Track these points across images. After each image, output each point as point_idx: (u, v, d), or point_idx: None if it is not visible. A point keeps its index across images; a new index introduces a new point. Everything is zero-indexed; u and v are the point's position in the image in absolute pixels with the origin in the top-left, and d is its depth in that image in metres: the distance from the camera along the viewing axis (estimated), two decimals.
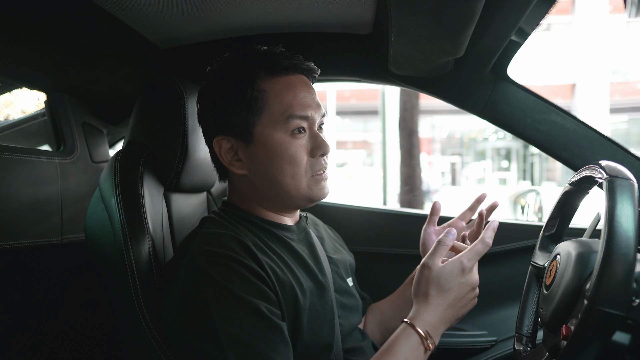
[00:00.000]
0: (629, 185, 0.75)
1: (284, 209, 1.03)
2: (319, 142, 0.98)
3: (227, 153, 0.99)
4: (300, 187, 0.97)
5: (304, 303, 0.91)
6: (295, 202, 1.00)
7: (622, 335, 0.74)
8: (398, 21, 1.00)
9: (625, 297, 0.70)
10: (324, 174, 1.00)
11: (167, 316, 0.89)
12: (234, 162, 1.00)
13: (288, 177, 0.96)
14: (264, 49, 1.00)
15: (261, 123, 0.96)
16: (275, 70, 0.97)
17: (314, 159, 0.98)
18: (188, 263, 0.88)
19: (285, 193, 0.98)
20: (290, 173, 0.96)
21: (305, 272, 0.97)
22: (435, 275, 0.87)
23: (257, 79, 0.96)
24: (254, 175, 0.99)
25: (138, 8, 1.18)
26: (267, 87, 0.96)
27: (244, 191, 1.02)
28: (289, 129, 0.96)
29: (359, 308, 1.14)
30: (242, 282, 0.84)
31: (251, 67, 0.98)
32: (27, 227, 1.29)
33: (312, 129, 0.99)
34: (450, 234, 0.89)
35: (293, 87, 0.98)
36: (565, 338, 0.78)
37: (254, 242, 0.93)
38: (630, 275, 0.70)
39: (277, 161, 0.96)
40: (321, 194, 1.00)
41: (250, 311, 0.82)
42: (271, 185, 0.98)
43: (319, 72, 1.05)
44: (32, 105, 1.71)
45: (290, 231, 1.03)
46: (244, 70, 0.98)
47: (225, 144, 0.99)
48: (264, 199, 1.01)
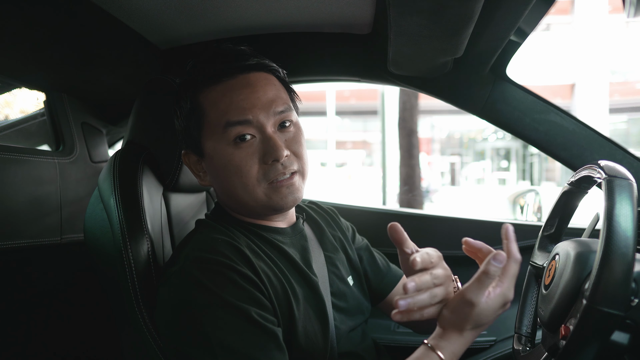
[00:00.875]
0: (627, 185, 0.75)
1: (258, 217, 0.99)
2: (270, 146, 0.89)
3: (196, 165, 0.99)
4: (257, 198, 0.92)
5: (297, 309, 0.90)
6: (259, 211, 0.96)
7: (621, 334, 0.74)
8: (397, 21, 1.00)
9: (624, 296, 0.71)
10: (289, 179, 0.92)
11: (160, 320, 0.89)
12: (202, 174, 0.99)
13: (239, 190, 0.92)
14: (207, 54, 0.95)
15: (204, 136, 0.93)
16: (210, 79, 0.92)
17: (267, 165, 0.90)
18: (180, 270, 0.86)
19: (245, 204, 0.94)
20: (240, 185, 0.91)
21: (298, 276, 0.96)
22: (477, 312, 0.76)
23: (194, 91, 0.93)
24: (216, 188, 1.00)
25: (137, 8, 1.17)
26: (204, 98, 0.92)
27: (222, 199, 1.02)
28: (230, 139, 0.90)
29: (359, 308, 1.09)
30: (233, 288, 0.83)
31: (192, 78, 0.94)
32: (26, 226, 1.29)
33: (264, 132, 0.91)
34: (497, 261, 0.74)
35: (230, 91, 0.91)
36: (564, 338, 0.78)
37: (249, 246, 0.92)
38: (629, 275, 0.70)
39: (225, 174, 0.92)
40: (283, 202, 0.92)
41: (242, 318, 0.81)
42: (230, 197, 0.96)
43: (273, 65, 0.98)
44: (31, 105, 1.71)
45: (283, 234, 1.01)
46: (184, 86, 0.96)
47: (192, 156, 0.99)
48: (235, 207, 0.99)
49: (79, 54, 1.33)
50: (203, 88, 0.92)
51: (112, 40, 1.31)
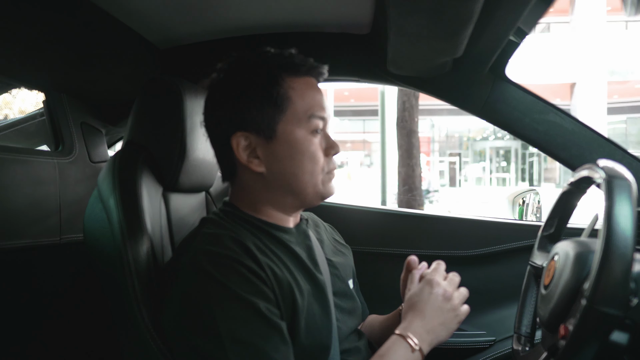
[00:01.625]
0: (627, 185, 0.75)
1: (293, 208, 1.04)
2: (332, 142, 1.01)
3: (245, 150, 0.99)
4: (316, 184, 0.99)
5: (301, 304, 0.91)
6: (308, 199, 1.02)
7: (620, 334, 0.74)
8: (396, 21, 1.01)
9: (623, 296, 0.71)
10: (334, 172, 1.04)
11: (168, 315, 0.89)
12: (252, 160, 0.99)
13: (307, 174, 0.98)
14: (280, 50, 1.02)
15: (285, 120, 0.97)
16: (295, 71, 0.99)
17: (328, 157, 1.01)
18: (190, 262, 0.88)
19: (302, 190, 1.00)
20: (309, 170, 0.98)
21: (303, 274, 0.97)
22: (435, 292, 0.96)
23: (281, 78, 0.98)
24: (271, 173, 0.99)
25: (137, 8, 1.18)
26: (288, 86, 0.98)
27: (254, 190, 1.01)
28: (310, 128, 0.98)
29: (358, 311, 1.13)
30: (243, 282, 0.84)
31: (274, 66, 0.99)
32: (25, 227, 1.29)
33: (325, 130, 1.02)
34: None
35: (311, 88, 1.01)
36: (563, 338, 0.79)
37: (254, 243, 0.93)
38: (628, 275, 0.70)
39: (299, 158, 0.97)
40: (332, 191, 1.03)
41: (251, 310, 0.83)
42: (289, 182, 0.99)
43: (326, 75, 1.06)
44: (30, 105, 1.71)
45: (289, 233, 1.03)
46: (268, 69, 0.99)
47: (242, 141, 0.98)
48: (276, 197, 1.01)
49: (78, 54, 1.33)
50: (287, 77, 0.98)
51: (111, 40, 1.31)
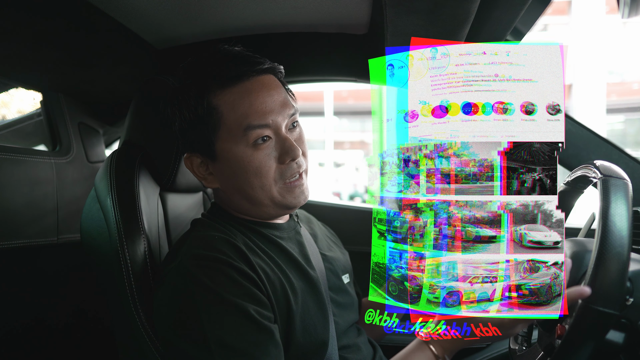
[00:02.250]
0: (623, 184, 0.75)
1: (264, 216, 1.01)
2: (287, 147, 0.92)
3: (200, 167, 0.98)
4: (272, 197, 0.94)
5: (295, 303, 0.91)
6: (271, 210, 0.98)
7: (616, 334, 0.74)
8: (393, 21, 1.01)
9: (619, 296, 0.71)
10: (298, 179, 0.96)
11: (157, 318, 0.89)
12: (207, 177, 0.99)
13: (257, 189, 0.93)
14: (217, 56, 0.95)
15: (220, 139, 0.93)
16: (226, 81, 0.92)
17: (284, 165, 0.93)
18: (177, 267, 0.87)
19: (259, 204, 0.96)
20: (258, 185, 0.93)
21: (296, 271, 0.97)
22: None
23: (208, 94, 0.92)
24: (226, 189, 0.98)
25: (134, 8, 1.17)
26: (219, 100, 0.92)
27: (225, 200, 1.02)
28: (250, 141, 0.91)
29: (354, 305, 1.13)
30: (231, 285, 0.83)
31: (203, 80, 0.93)
32: (23, 226, 1.29)
33: (279, 134, 0.93)
34: None
35: (248, 94, 0.92)
36: (560, 337, 0.79)
37: (245, 243, 0.93)
38: (624, 274, 0.70)
39: (243, 175, 0.93)
40: (296, 201, 0.96)
41: (239, 314, 0.82)
42: (243, 197, 0.96)
43: (281, 68, 1.00)
44: (28, 106, 1.71)
45: (280, 230, 1.03)
46: (195, 86, 0.94)
47: (195, 159, 0.98)
48: (242, 208, 1.00)
49: (75, 54, 1.33)
50: (217, 90, 0.92)
51: (109, 40, 1.31)
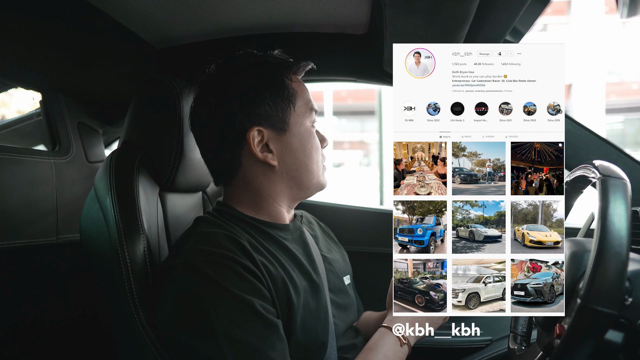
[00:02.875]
0: (621, 184, 0.75)
1: (295, 200, 1.07)
2: (322, 134, 1.07)
3: (258, 145, 0.99)
4: (319, 175, 1.05)
5: (297, 301, 0.91)
6: (311, 190, 1.06)
7: (615, 333, 0.74)
8: (393, 21, 1.01)
9: (617, 295, 0.71)
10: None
11: (164, 315, 0.89)
12: (266, 154, 1.00)
13: (315, 164, 1.04)
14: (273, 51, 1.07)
15: (295, 114, 1.01)
16: (294, 69, 1.05)
17: (321, 149, 1.06)
18: (184, 262, 0.88)
19: (309, 180, 1.03)
20: (316, 160, 1.04)
21: (299, 271, 0.97)
22: None
23: (287, 75, 1.03)
24: (284, 165, 1.01)
25: (133, 8, 1.17)
26: (292, 83, 1.03)
27: (257, 187, 1.01)
28: (312, 121, 1.04)
29: (354, 307, 1.14)
30: (238, 280, 0.84)
31: (279, 63, 1.04)
32: (22, 227, 1.29)
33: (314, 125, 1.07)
34: None
35: (303, 84, 1.07)
36: (559, 337, 0.79)
37: (249, 241, 0.93)
38: (622, 274, 0.71)
39: (308, 149, 1.02)
40: (326, 183, 1.08)
41: (246, 309, 0.83)
42: (300, 173, 1.02)
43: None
44: (27, 105, 1.71)
45: (285, 230, 1.04)
46: (273, 66, 1.03)
47: (257, 135, 0.99)
48: (281, 190, 1.03)
49: (75, 54, 1.33)
50: (291, 75, 1.04)
51: (108, 40, 1.31)
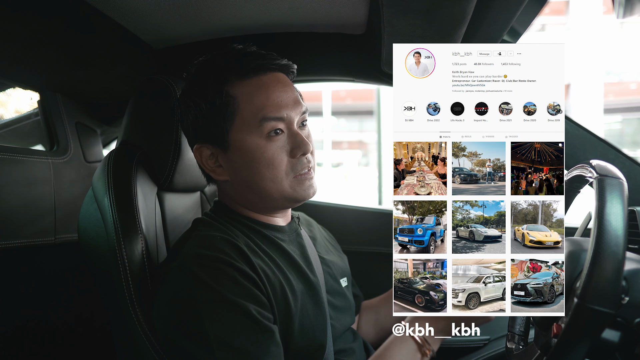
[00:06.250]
0: (618, 184, 0.76)
1: (270, 211, 1.02)
2: (299, 141, 0.95)
3: (209, 160, 0.99)
4: (282, 190, 0.95)
5: (295, 305, 0.91)
6: (279, 204, 0.99)
7: (611, 332, 0.74)
8: (390, 21, 1.01)
9: (614, 295, 0.71)
10: (308, 173, 0.98)
11: (158, 318, 0.89)
12: (216, 169, 0.99)
13: (268, 181, 0.94)
14: (235, 50, 0.97)
15: (234, 129, 0.94)
16: (244, 73, 0.95)
17: (295, 159, 0.95)
18: (179, 266, 0.87)
19: (268, 196, 0.96)
20: (269, 177, 0.94)
21: (296, 273, 0.97)
22: None
23: (226, 84, 0.94)
24: (235, 181, 0.99)
25: (132, 8, 1.17)
26: (237, 91, 0.94)
27: (231, 195, 1.02)
28: (264, 132, 0.93)
29: (351, 309, 1.13)
30: (233, 285, 0.84)
31: (220, 72, 0.95)
32: (20, 227, 1.29)
33: (291, 129, 0.96)
34: None
35: (265, 87, 0.95)
36: (556, 336, 0.79)
37: (246, 244, 0.93)
38: (619, 273, 0.71)
39: (255, 166, 0.94)
40: (306, 194, 0.98)
41: (241, 314, 0.82)
42: (252, 190, 0.97)
43: (295, 67, 1.03)
44: (25, 105, 1.71)
45: (281, 232, 1.03)
46: (212, 77, 0.96)
47: (205, 151, 0.98)
48: (249, 202, 1.01)
49: (73, 54, 1.33)
50: (235, 81, 0.94)
51: (106, 40, 1.31)
